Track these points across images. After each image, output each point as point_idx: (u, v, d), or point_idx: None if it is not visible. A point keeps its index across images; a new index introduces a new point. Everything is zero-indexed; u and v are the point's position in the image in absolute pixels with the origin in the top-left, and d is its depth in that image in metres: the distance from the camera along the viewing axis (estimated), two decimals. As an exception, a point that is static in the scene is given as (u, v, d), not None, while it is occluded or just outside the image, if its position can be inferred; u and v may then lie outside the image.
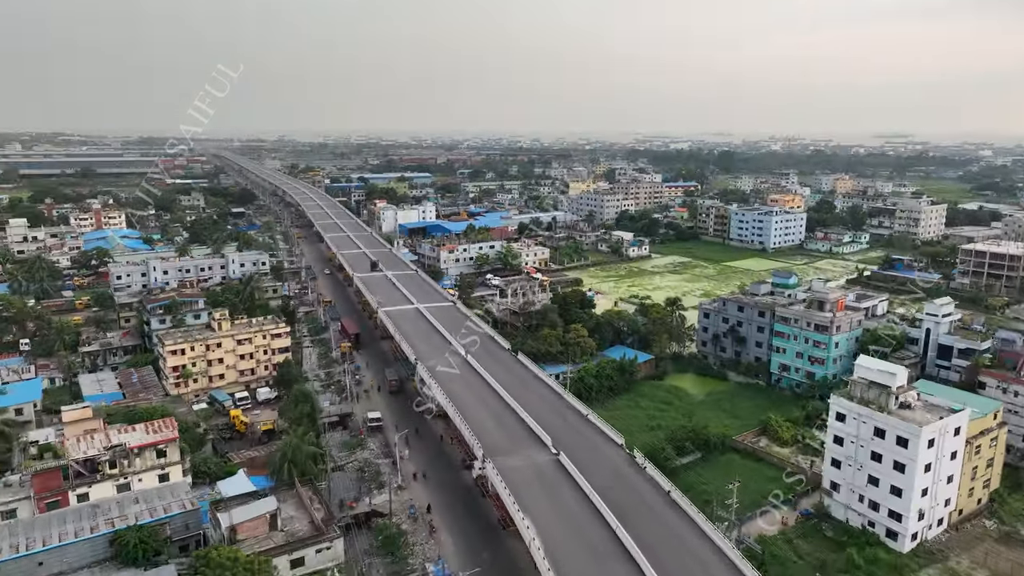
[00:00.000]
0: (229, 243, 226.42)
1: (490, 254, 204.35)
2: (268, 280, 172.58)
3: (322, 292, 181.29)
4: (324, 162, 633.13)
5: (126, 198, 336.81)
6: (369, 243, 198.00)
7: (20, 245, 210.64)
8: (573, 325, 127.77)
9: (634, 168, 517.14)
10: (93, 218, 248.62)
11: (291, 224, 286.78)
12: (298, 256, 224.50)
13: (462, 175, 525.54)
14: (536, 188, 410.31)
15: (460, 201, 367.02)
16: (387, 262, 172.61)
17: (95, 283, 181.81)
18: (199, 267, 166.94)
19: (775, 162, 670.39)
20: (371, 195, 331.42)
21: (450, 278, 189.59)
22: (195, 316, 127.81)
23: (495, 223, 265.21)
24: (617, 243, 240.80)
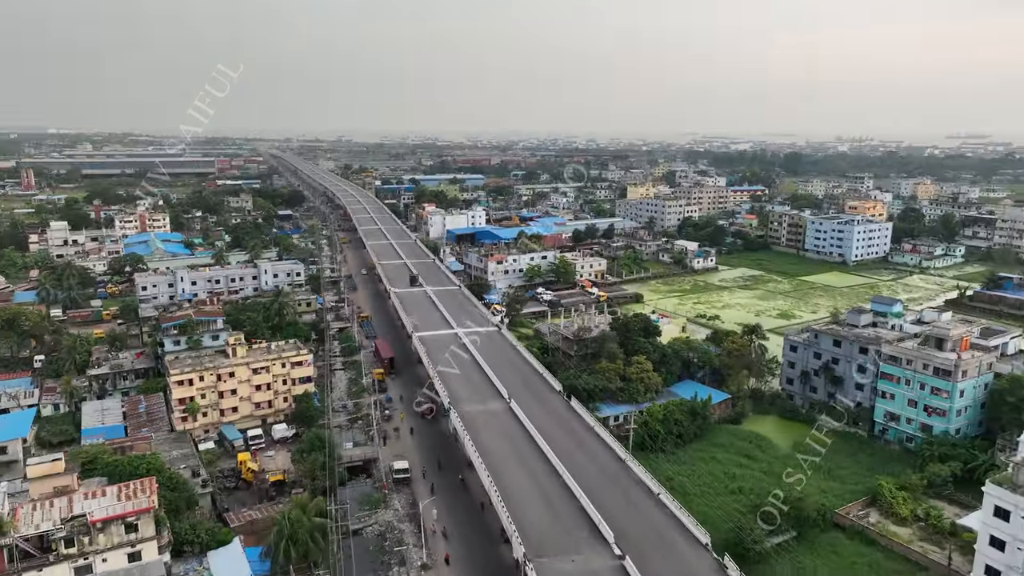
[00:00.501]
0: (269, 248, 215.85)
1: (542, 265, 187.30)
2: (303, 292, 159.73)
3: (360, 305, 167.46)
4: (379, 163, 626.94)
5: (176, 199, 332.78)
6: (412, 252, 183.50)
7: (60, 249, 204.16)
8: (636, 357, 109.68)
9: (695, 171, 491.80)
10: (137, 220, 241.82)
11: (337, 228, 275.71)
12: (340, 264, 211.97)
13: (515, 177, 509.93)
14: (592, 191, 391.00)
15: (512, 205, 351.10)
16: (429, 275, 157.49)
17: (128, 291, 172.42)
18: (230, 277, 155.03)
19: (845, 164, 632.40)
20: (420, 198, 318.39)
21: (498, 292, 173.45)
22: (213, 337, 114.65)
23: (548, 230, 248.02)
24: (681, 254, 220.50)
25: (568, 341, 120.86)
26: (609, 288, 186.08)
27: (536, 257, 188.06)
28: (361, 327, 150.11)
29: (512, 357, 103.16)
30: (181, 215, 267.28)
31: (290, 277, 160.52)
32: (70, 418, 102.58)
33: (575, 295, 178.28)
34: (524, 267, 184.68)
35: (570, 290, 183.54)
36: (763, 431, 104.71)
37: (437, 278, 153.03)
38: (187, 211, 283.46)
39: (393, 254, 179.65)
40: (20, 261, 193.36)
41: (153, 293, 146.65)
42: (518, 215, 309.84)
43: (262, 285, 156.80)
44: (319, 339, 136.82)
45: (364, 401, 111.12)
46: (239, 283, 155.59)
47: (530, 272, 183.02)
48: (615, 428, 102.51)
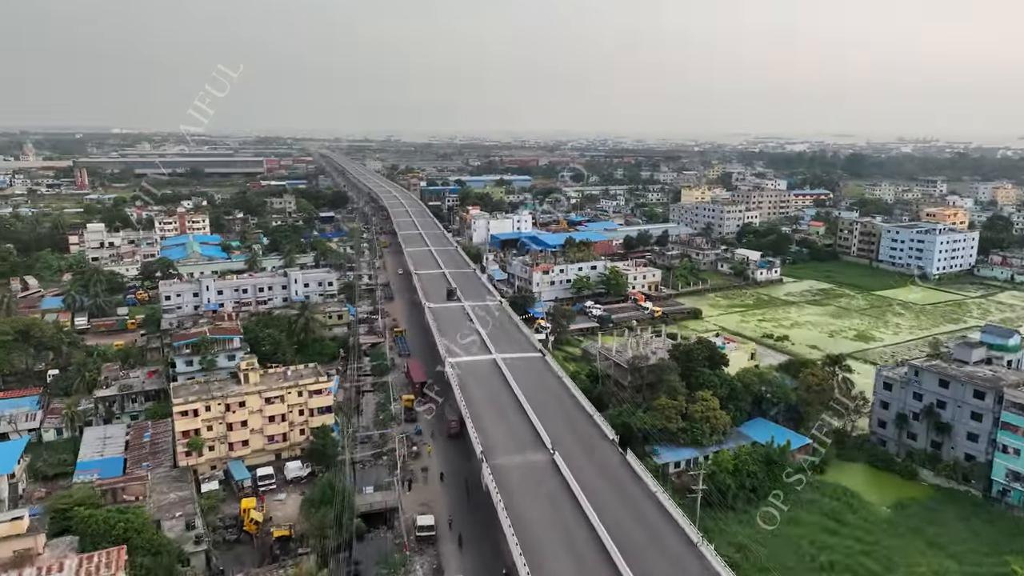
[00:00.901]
0: (306, 252, 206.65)
1: (591, 276, 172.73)
2: (335, 303, 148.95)
3: (396, 317, 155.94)
4: (426, 163, 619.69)
5: (220, 199, 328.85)
6: (452, 260, 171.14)
7: (97, 251, 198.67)
8: (700, 392, 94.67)
9: (752, 173, 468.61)
10: (177, 222, 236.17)
11: (379, 230, 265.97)
12: (378, 270, 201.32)
13: (563, 178, 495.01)
14: (643, 194, 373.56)
15: (560, 208, 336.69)
16: (469, 287, 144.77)
17: (157, 298, 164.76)
18: (258, 287, 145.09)
19: (912, 167, 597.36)
20: (464, 200, 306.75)
21: (543, 305, 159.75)
22: (229, 357, 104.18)
23: (598, 236, 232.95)
24: (742, 264, 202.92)
25: (621, 369, 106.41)
26: (664, 302, 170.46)
27: (585, 267, 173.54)
28: (395, 342, 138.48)
29: (557, 391, 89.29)
30: (222, 216, 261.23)
31: (322, 287, 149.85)
32: (72, 445, 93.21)
33: (627, 310, 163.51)
34: (572, 278, 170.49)
35: (621, 304, 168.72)
36: (851, 484, 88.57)
37: (477, 291, 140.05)
38: (228, 212, 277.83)
39: (432, 262, 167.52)
40: (56, 264, 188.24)
41: (177, 303, 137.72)
42: (566, 219, 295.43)
43: (292, 295, 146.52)
44: (348, 356, 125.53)
45: (391, 433, 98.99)
46: (268, 292, 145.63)
47: (578, 284, 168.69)
48: (675, 477, 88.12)
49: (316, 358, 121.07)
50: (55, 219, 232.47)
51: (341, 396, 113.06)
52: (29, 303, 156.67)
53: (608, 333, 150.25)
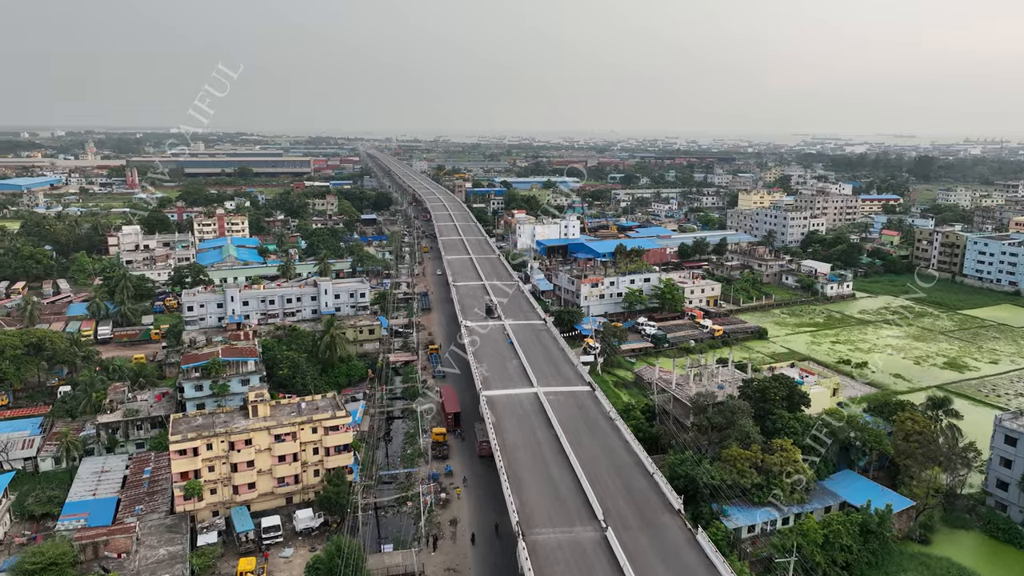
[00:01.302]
0: (344, 258, 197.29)
1: (644, 289, 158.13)
2: (367, 316, 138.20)
3: (432, 331, 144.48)
4: (473, 163, 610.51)
5: (264, 200, 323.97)
6: (494, 271, 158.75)
7: (131, 254, 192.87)
8: (778, 440, 79.99)
9: (813, 175, 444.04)
10: (216, 224, 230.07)
11: (421, 234, 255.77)
12: (417, 277, 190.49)
13: (613, 180, 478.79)
14: (697, 198, 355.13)
15: (609, 212, 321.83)
16: (510, 303, 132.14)
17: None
18: (286, 298, 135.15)
19: (985, 169, 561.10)
20: (510, 204, 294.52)
21: (591, 320, 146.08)
22: (243, 382, 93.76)
23: (650, 244, 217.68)
24: (809, 277, 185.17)
25: (682, 405, 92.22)
26: (724, 320, 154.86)
27: (637, 280, 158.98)
28: (429, 361, 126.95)
29: (610, 439, 75.70)
30: (263, 219, 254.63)
31: (353, 298, 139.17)
32: (69, 477, 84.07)
33: (684, 328, 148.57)
34: (623, 292, 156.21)
35: (677, 321, 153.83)
36: (965, 560, 72.83)
37: (519, 307, 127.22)
38: (269, 214, 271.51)
39: (472, 272, 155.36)
40: (90, 266, 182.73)
41: (200, 314, 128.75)
42: (616, 224, 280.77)
43: (321, 307, 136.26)
44: (376, 378, 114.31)
45: (417, 473, 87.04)
46: (296, 304, 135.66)
47: (630, 298, 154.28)
48: (749, 543, 73.74)
49: (342, 380, 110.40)
50: (95, 220, 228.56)
51: (367, 423, 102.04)
52: (56, 309, 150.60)
53: (663, 354, 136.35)
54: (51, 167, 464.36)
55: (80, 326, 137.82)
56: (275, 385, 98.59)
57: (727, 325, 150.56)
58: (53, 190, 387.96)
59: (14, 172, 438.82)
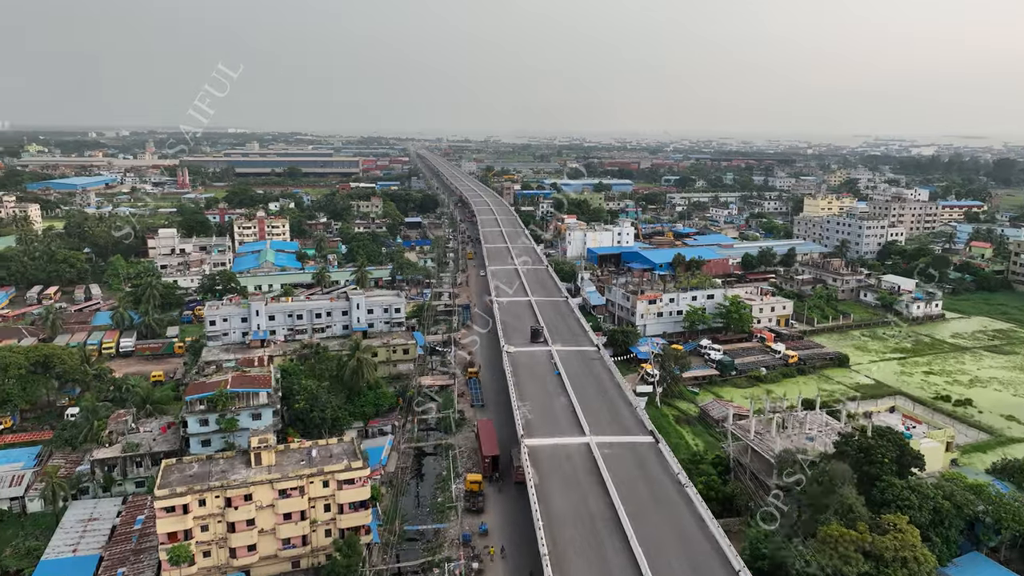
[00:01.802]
0: (384, 264, 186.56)
1: (707, 306, 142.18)
2: (402, 333, 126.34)
3: (473, 352, 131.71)
4: (523, 164, 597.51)
5: (310, 201, 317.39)
6: (541, 284, 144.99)
7: (167, 259, 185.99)
8: (888, 516, 64.20)
9: (883, 179, 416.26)
10: (256, 227, 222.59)
11: (466, 238, 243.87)
12: (460, 286, 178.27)
13: (667, 183, 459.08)
14: (758, 202, 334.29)
15: (664, 217, 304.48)
16: (559, 323, 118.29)
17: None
18: (315, 312, 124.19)
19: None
20: (560, 207, 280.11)
21: (648, 341, 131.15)
22: (254, 416, 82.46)
23: (711, 254, 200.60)
24: (891, 294, 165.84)
25: (762, 459, 76.95)
26: (799, 344, 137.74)
27: (699, 296, 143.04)
28: (468, 387, 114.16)
29: (680, 514, 61.23)
30: (304, 221, 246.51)
31: (388, 313, 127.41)
32: (56, 521, 74.05)
33: (753, 352, 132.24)
34: (684, 309, 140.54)
35: (745, 343, 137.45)
36: None
37: (569, 329, 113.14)
38: (312, 216, 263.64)
39: (517, 286, 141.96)
40: (124, 270, 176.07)
41: (223, 328, 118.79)
42: (671, 230, 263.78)
43: (353, 322, 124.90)
44: (406, 408, 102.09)
45: (446, 531, 74.19)
46: (326, 319, 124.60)
47: (692, 317, 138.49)
48: (856, 652, 58.32)
49: (369, 409, 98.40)
50: (136, 220, 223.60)
51: (395, 461, 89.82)
52: (82, 318, 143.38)
53: (730, 382, 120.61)
54: (108, 166, 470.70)
55: (103, 337, 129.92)
56: (292, 418, 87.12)
57: (802, 350, 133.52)
58: (108, 189, 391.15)
59: (73, 171, 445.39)
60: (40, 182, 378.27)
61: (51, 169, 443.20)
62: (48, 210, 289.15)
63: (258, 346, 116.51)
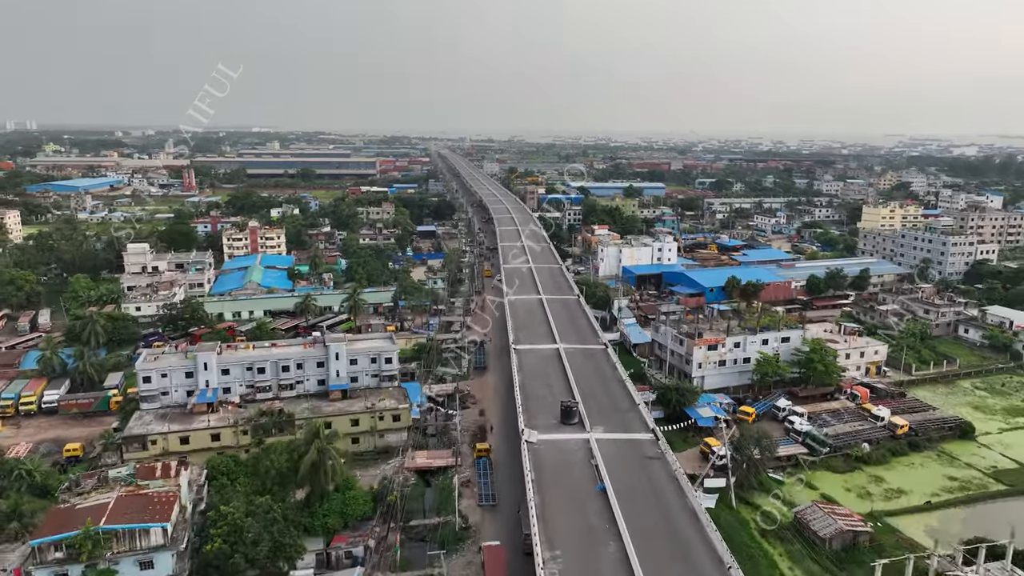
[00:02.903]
0: (389, 285, 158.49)
1: (781, 351, 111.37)
2: (393, 390, 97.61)
3: (485, 409, 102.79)
4: (547, 165, 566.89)
5: (318, 206, 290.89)
6: (571, 322, 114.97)
7: (136, 278, 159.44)
8: None
9: (945, 185, 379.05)
10: (248, 238, 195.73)
11: (485, 249, 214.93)
12: (474, 313, 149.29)
13: (701, 186, 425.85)
14: (808, 209, 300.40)
15: (704, 225, 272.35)
16: (598, 382, 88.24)
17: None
18: (281, 364, 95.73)
19: None
20: (589, 216, 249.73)
21: (711, 403, 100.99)
22: (142, 564, 53.88)
23: (769, 275, 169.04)
24: (1002, 331, 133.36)
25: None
26: (902, 403, 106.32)
27: (771, 339, 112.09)
28: (475, 471, 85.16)
29: None
30: (304, 232, 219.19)
31: (376, 364, 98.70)
32: None
33: (845, 416, 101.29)
34: (753, 356, 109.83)
35: (831, 403, 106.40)
36: None
37: (611, 401, 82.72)
38: (315, 224, 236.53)
39: (542, 326, 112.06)
40: (86, 293, 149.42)
41: (162, 386, 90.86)
42: (715, 241, 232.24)
43: (331, 376, 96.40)
44: (386, 515, 73.11)
45: None
46: (297, 372, 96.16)
47: (764, 368, 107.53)
48: None
49: (334, 521, 69.61)
50: (129, 227, 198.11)
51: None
52: (11, 357, 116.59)
53: (825, 464, 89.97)
54: (117, 167, 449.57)
55: (23, 388, 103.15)
56: (204, 564, 57.95)
57: (908, 412, 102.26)
58: (111, 191, 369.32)
59: (79, 172, 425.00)
60: (41, 184, 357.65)
61: (56, 170, 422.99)
62: (38, 215, 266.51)
63: (204, 411, 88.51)
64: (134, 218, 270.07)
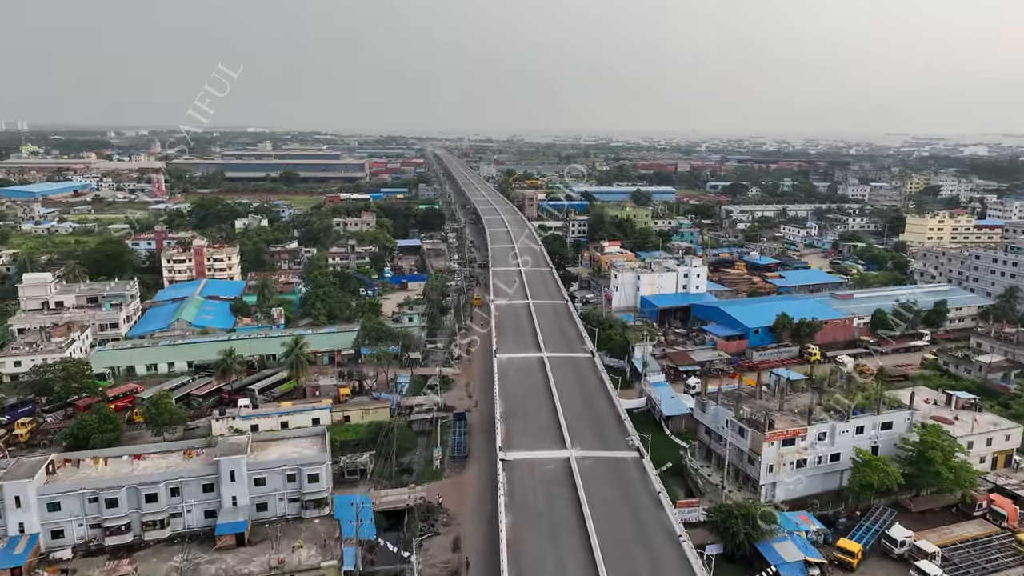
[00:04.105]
0: (354, 321, 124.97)
1: (880, 440, 77.55)
2: (322, 520, 63.71)
3: (462, 540, 69.03)
4: (547, 167, 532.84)
5: (289, 215, 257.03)
6: (587, 405, 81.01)
7: (27, 319, 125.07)
8: None
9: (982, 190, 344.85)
10: (193, 259, 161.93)
11: (477, 267, 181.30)
12: (460, 365, 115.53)
13: (714, 190, 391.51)
14: (839, 218, 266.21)
15: (726, 237, 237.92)
16: (629, 533, 54.36)
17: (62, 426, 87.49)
18: (143, 493, 61.65)
19: None
20: (596, 228, 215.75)
21: (795, 529, 67.32)
22: None
23: (825, 310, 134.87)
24: None
25: None
26: (1068, 526, 72.34)
27: (866, 423, 78.12)
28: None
29: None
30: (265, 250, 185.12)
31: (295, 483, 64.88)
32: None
33: (992, 553, 67.21)
34: (844, 450, 75.91)
35: (963, 524, 72.53)
36: None
37: (640, 531, 49.44)
38: (280, 239, 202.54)
39: (544, 405, 78.51)
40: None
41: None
42: (742, 259, 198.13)
43: (225, 503, 62.59)
44: None
45: None
46: (171, 501, 62.38)
47: (862, 476, 73.27)
48: None
49: None
50: (30, 255, 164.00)
51: None
52: None
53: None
54: (86, 169, 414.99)
55: None
56: None
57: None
58: (74, 197, 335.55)
59: (45, 175, 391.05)
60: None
61: (17, 174, 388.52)
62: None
63: (9, 577, 54.74)
64: (82, 229, 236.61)
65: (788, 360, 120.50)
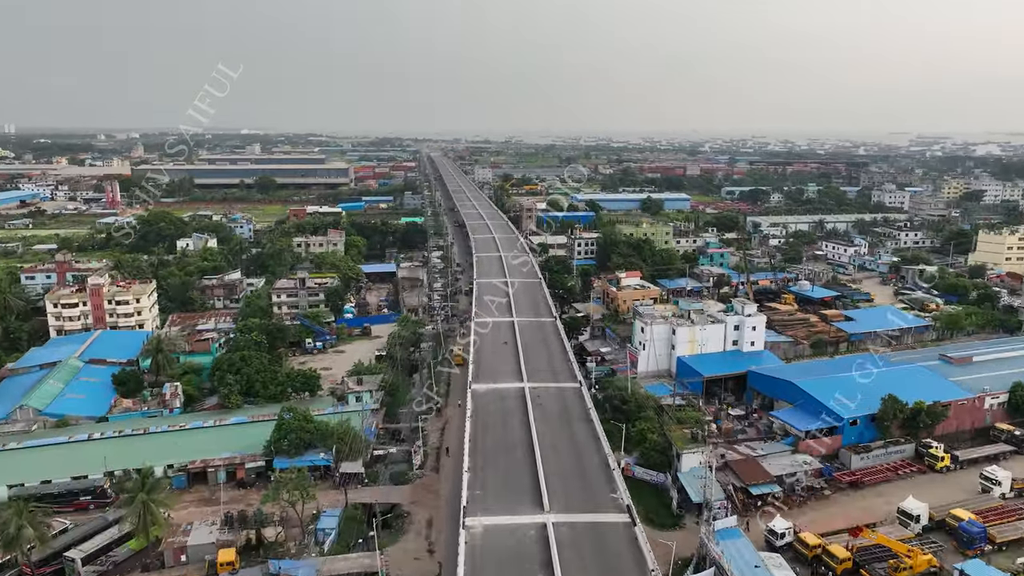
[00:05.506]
0: (299, 397, 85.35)
1: None
2: None
3: None
4: (546, 170, 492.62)
5: (251, 231, 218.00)
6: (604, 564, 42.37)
7: None
8: None
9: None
10: (88, 302, 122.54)
11: (464, 310, 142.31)
12: (428, 478, 76.41)
13: (731, 196, 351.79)
14: (889, 231, 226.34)
15: (760, 258, 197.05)
16: None
17: None
18: None
19: None
20: (608, 251, 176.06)
21: None
22: None
23: (935, 382, 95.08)
24: None
25: None
26: None
27: None
28: None
29: None
30: (192, 285, 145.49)
31: None
32: None
33: None
34: None
35: None
36: None
37: None
38: (222, 266, 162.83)
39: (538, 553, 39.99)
40: None
41: None
42: (788, 288, 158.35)
43: None
44: None
45: None
46: None
47: None
48: None
49: None
50: None
51: None
52: None
53: None
54: (42, 176, 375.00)
55: None
56: None
57: None
58: (20, 207, 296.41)
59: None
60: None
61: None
62: None
63: None
64: (16, 250, 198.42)
65: (901, 465, 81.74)
